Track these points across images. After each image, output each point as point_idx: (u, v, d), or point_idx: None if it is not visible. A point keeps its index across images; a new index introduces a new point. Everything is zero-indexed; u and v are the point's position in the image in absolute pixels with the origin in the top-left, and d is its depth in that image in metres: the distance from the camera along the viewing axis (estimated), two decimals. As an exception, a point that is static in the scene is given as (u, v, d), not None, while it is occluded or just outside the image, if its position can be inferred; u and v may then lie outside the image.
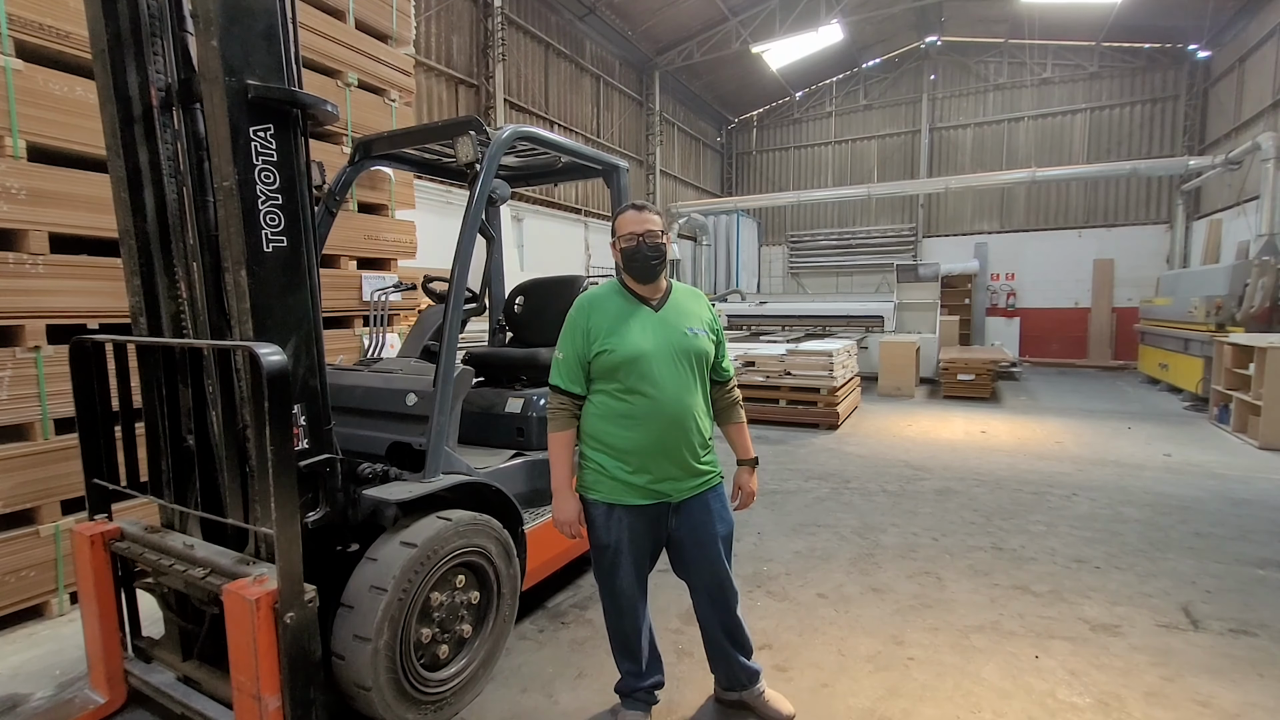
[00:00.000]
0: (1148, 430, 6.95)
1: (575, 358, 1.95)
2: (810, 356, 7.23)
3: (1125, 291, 14.01)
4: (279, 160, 1.88)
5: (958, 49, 15.67)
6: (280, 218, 1.89)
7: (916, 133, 16.22)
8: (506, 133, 2.59)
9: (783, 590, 3.14)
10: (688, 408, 1.94)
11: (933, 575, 3.30)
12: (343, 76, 4.17)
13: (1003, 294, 15.20)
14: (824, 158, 17.46)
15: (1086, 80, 14.48)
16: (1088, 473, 5.25)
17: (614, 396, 1.92)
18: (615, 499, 1.95)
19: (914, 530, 3.95)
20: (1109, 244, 14.34)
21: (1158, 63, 13.79)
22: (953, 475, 5.20)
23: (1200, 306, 8.45)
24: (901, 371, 9.55)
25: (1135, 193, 14.13)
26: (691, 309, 2.04)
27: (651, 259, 1.95)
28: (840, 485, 4.94)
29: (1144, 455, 5.83)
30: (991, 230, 15.50)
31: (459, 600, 2.23)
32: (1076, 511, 4.29)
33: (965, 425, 7.27)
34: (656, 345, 1.92)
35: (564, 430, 1.98)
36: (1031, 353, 14.56)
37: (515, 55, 10.38)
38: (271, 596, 1.70)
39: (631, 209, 1.99)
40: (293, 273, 1.93)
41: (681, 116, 16.07)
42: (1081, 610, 2.92)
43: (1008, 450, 6.07)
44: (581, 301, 2.01)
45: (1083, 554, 3.57)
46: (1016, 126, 15.22)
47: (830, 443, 6.47)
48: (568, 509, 1.97)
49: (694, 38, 13.73)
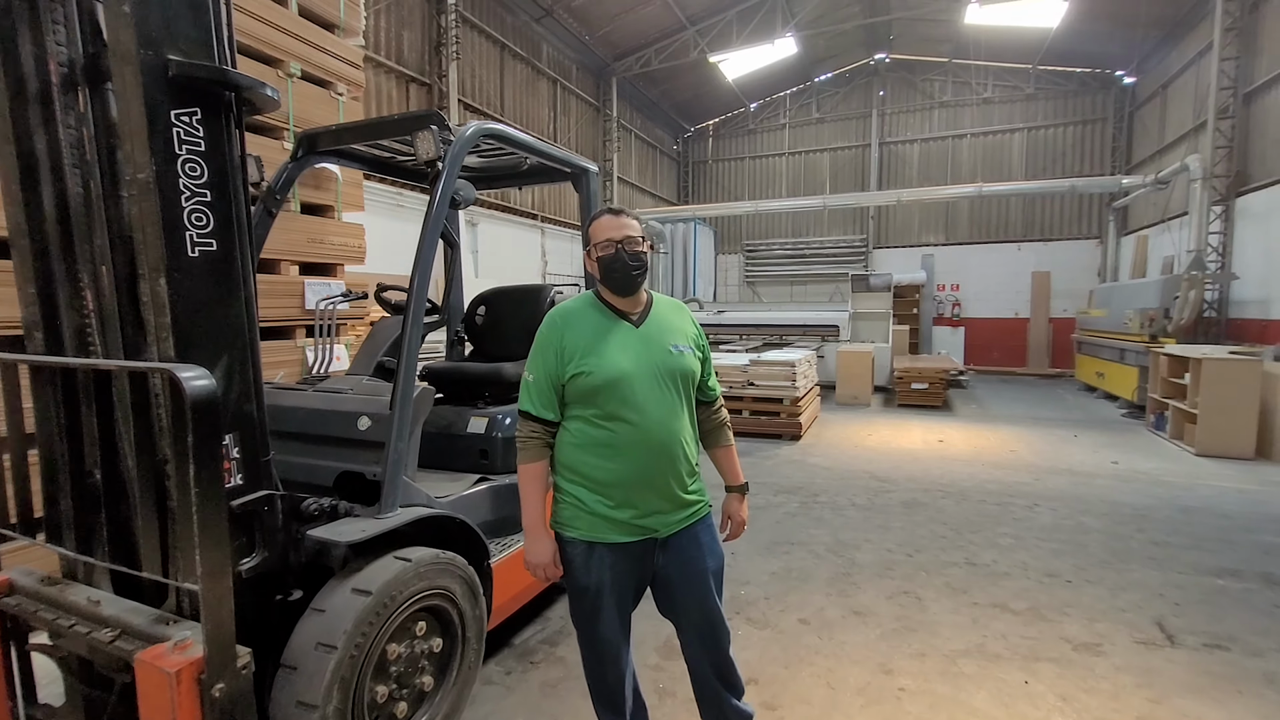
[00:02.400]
0: (1093, 438, 7.20)
1: (547, 380, 1.74)
2: (773, 366, 7.20)
3: (1061, 302, 14.69)
4: (207, 151, 1.61)
5: (905, 66, 16.18)
6: (209, 217, 1.62)
7: (867, 146, 16.64)
8: (471, 129, 2.37)
9: (764, 616, 3.00)
10: (674, 434, 1.76)
11: (912, 595, 3.23)
12: (284, 66, 3.83)
13: (948, 304, 15.72)
14: (778, 168, 17.71)
15: (1024, 101, 15.18)
16: (1045, 482, 5.35)
17: (592, 423, 1.73)
18: (596, 536, 1.75)
19: (887, 546, 3.89)
20: (1045, 257, 15.03)
21: (1088, 86, 14.58)
22: (918, 486, 5.20)
23: (1134, 318, 8.87)
24: (858, 380, 9.67)
25: (1069, 209, 14.87)
26: (675, 323, 1.87)
27: (633, 269, 1.76)
28: (809, 499, 4.86)
29: (1094, 463, 6.01)
30: (937, 242, 16.02)
31: (419, 650, 1.99)
32: (1040, 522, 4.33)
33: (923, 434, 7.37)
34: (639, 365, 1.73)
35: (536, 461, 1.77)
36: (975, 361, 15.08)
37: (469, 54, 10.05)
38: (196, 666, 1.43)
39: (608, 213, 1.80)
40: (224, 281, 1.66)
41: (639, 123, 16.00)
42: (1062, 628, 2.89)
43: (966, 459, 6.15)
44: (554, 317, 1.80)
45: (1053, 567, 3.57)
46: (960, 143, 15.81)
47: (795, 454, 6.42)
48: (542, 550, 1.76)
49: (652, 45, 13.69)
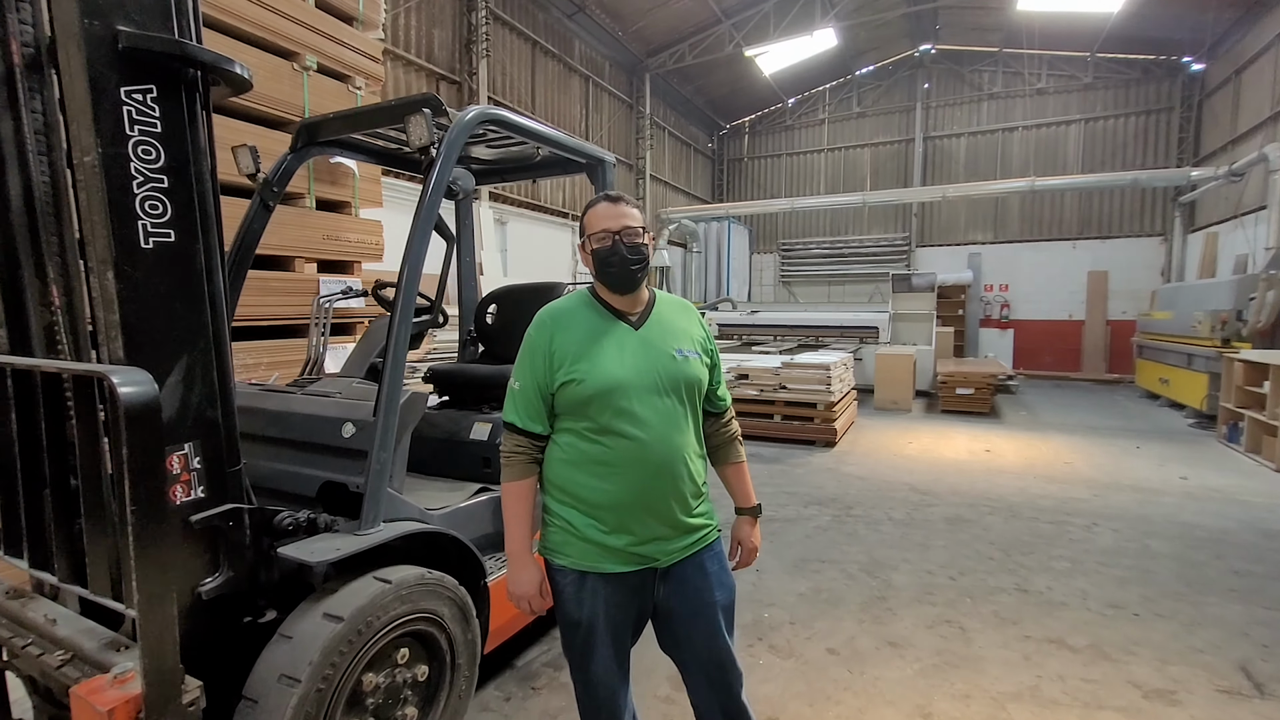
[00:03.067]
0: (1157, 450, 6.65)
1: (535, 388, 1.55)
2: (807, 369, 6.88)
3: (1119, 304, 13.85)
4: (164, 133, 1.47)
5: (952, 57, 15.52)
6: (165, 205, 1.48)
7: (910, 141, 16.03)
8: (470, 114, 2.19)
9: (788, 644, 2.75)
10: (677, 449, 1.55)
11: (955, 625, 2.93)
12: (299, 59, 3.76)
13: (996, 305, 15.00)
14: (816, 165, 17.23)
15: (1081, 91, 14.36)
16: (1104, 498, 4.92)
17: (584, 437, 1.53)
18: (588, 565, 1.55)
19: (928, 568, 3.58)
20: (1103, 256, 14.19)
21: (1152, 74, 13.70)
22: (962, 501, 4.84)
23: (1204, 321, 8.21)
24: (898, 384, 9.24)
25: (1130, 205, 14.00)
26: (680, 325, 1.65)
27: (631, 263, 1.55)
28: (843, 512, 4.56)
29: (1159, 478, 5.52)
30: (985, 240, 15.31)
31: (401, 679, 1.82)
32: (1100, 545, 3.95)
33: (968, 443, 6.94)
34: (637, 372, 1.52)
35: (521, 479, 1.57)
36: (1025, 365, 14.33)
37: (500, 52, 10.00)
38: (133, 704, 1.29)
39: (604, 201, 1.59)
40: (182, 275, 1.52)
41: (672, 121, 15.76)
42: (1129, 670, 2.56)
43: (1016, 472, 5.73)
44: (542, 317, 1.60)
45: (1117, 597, 3.21)
46: (1011, 136, 15.06)
47: (828, 461, 6.10)
48: (526, 579, 1.56)
49: (686, 40, 13.43)
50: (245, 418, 2.15)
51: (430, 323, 2.21)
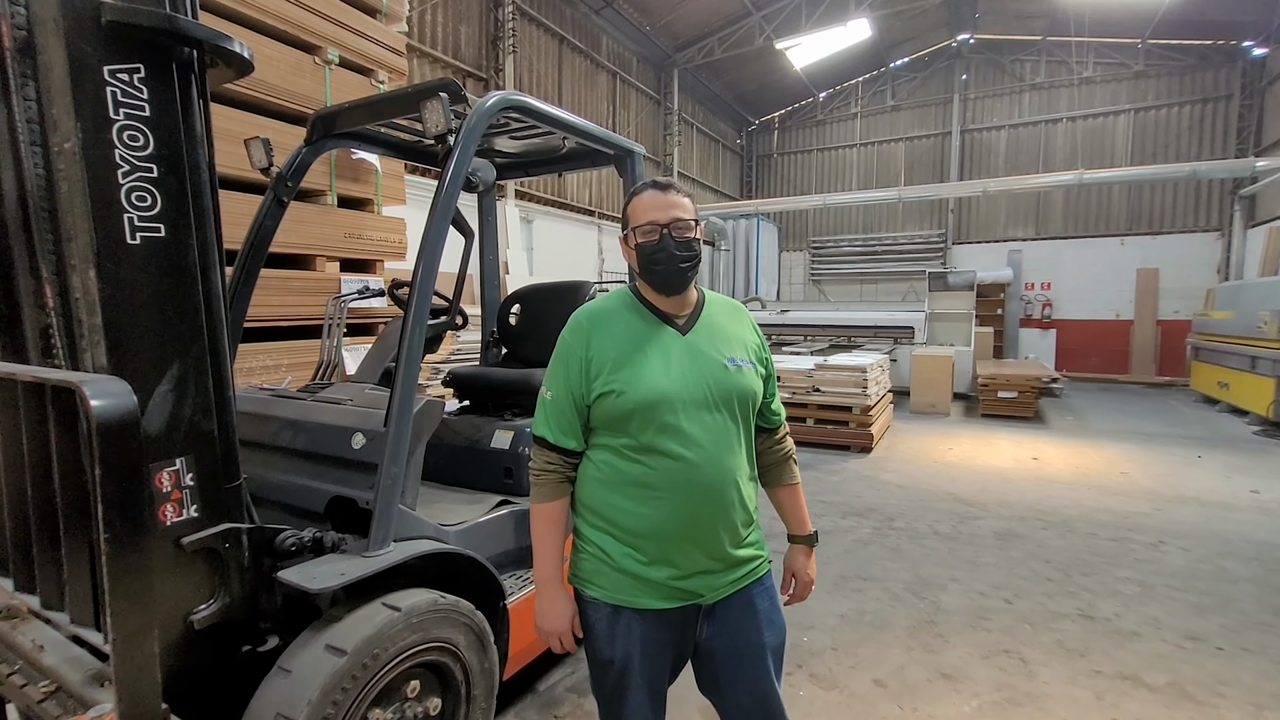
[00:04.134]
0: (1220, 459, 6.22)
1: (569, 399, 1.38)
2: (841, 371, 6.61)
3: (1171, 303, 13.18)
4: (154, 117, 1.34)
5: (992, 47, 14.95)
6: (155, 197, 1.35)
7: (947, 135, 15.50)
8: (493, 100, 2.03)
9: (830, 674, 2.53)
10: (728, 472, 1.36)
11: (1014, 655, 2.68)
12: (321, 53, 3.65)
13: (1038, 304, 14.41)
14: (848, 160, 16.79)
15: (1131, 79, 13.69)
16: (1168, 513, 4.57)
17: (624, 456, 1.35)
18: (623, 599, 1.37)
19: (979, 588, 3.32)
20: (1153, 253, 13.51)
21: (1209, 60, 12.98)
22: (1011, 514, 4.55)
23: (1272, 321, 7.69)
24: (936, 387, 8.87)
25: (1184, 198, 13.30)
26: (732, 330, 1.46)
27: (681, 260, 1.36)
28: (884, 524, 4.31)
29: (1226, 491, 5.13)
30: (1026, 237, 14.72)
31: (411, 714, 1.67)
32: (1170, 566, 3.63)
33: (1013, 450, 6.59)
34: (685, 384, 1.34)
35: (552, 500, 1.40)
36: (1069, 367, 13.73)
37: (527, 48, 9.89)
38: (110, 752, 1.15)
39: (652, 188, 1.40)
40: (174, 274, 1.38)
41: (700, 117, 15.51)
42: (1218, 715, 2.29)
43: (1068, 482, 5.39)
44: (578, 319, 1.43)
45: (1195, 627, 2.92)
46: (1054, 128, 14.45)
47: (865, 468, 5.83)
48: (556, 612, 1.39)
49: (715, 33, 13.17)
50: (252, 425, 2.04)
51: (448, 324, 2.06)
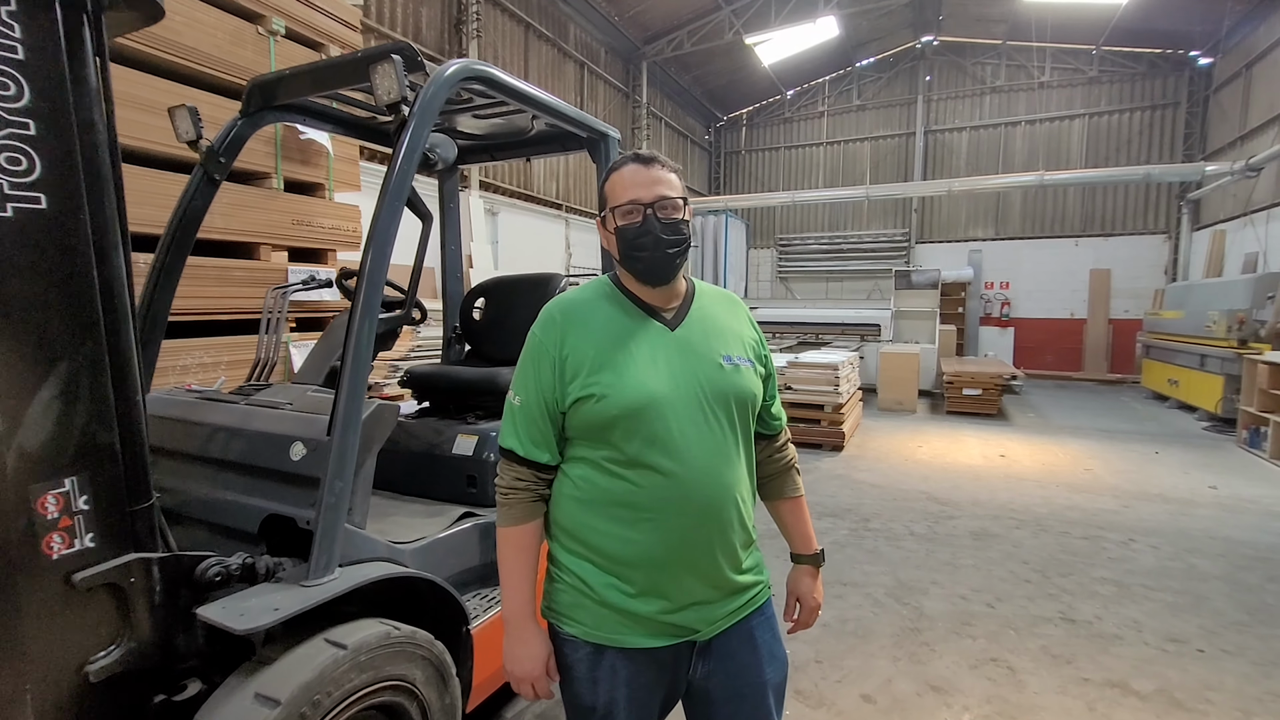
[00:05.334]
0: (1177, 455, 6.38)
1: (541, 405, 1.18)
2: (813, 369, 6.55)
3: (1122, 303, 13.63)
4: (29, 62, 1.09)
5: (954, 49, 15.20)
6: (32, 160, 1.10)
7: (911, 135, 15.71)
8: (453, 68, 1.81)
9: (816, 690, 2.40)
10: (727, 488, 1.19)
11: (1002, 663, 2.59)
12: (265, 22, 3.34)
13: (997, 303, 14.74)
14: (815, 159, 16.88)
15: (1085, 85, 14.09)
16: (1135, 510, 4.62)
17: (605, 471, 1.16)
18: (606, 637, 1.18)
19: (961, 591, 3.25)
20: (1105, 253, 13.95)
21: (1158, 69, 13.45)
22: (985, 512, 4.53)
23: (1220, 321, 7.95)
24: (903, 384, 8.93)
25: (1134, 202, 13.77)
26: (727, 324, 1.28)
27: (669, 245, 1.18)
28: (860, 525, 4.23)
29: (1187, 487, 5.23)
30: (986, 237, 15.03)
31: (360, 765, 1.45)
32: (1143, 564, 3.64)
33: (981, 447, 6.64)
34: (675, 386, 1.16)
35: (523, 523, 1.21)
36: (1026, 364, 14.07)
37: (491, 34, 9.55)
38: None
39: (633, 162, 1.20)
40: (61, 254, 1.14)
41: (669, 111, 15.35)
42: (1209, 724, 2.24)
43: (1036, 479, 5.43)
44: (551, 313, 1.23)
45: (1175, 629, 2.90)
46: (1013, 131, 14.78)
47: (838, 467, 5.77)
48: (528, 654, 1.20)
49: (685, 26, 13.02)
50: (176, 433, 1.78)
51: (402, 319, 1.84)
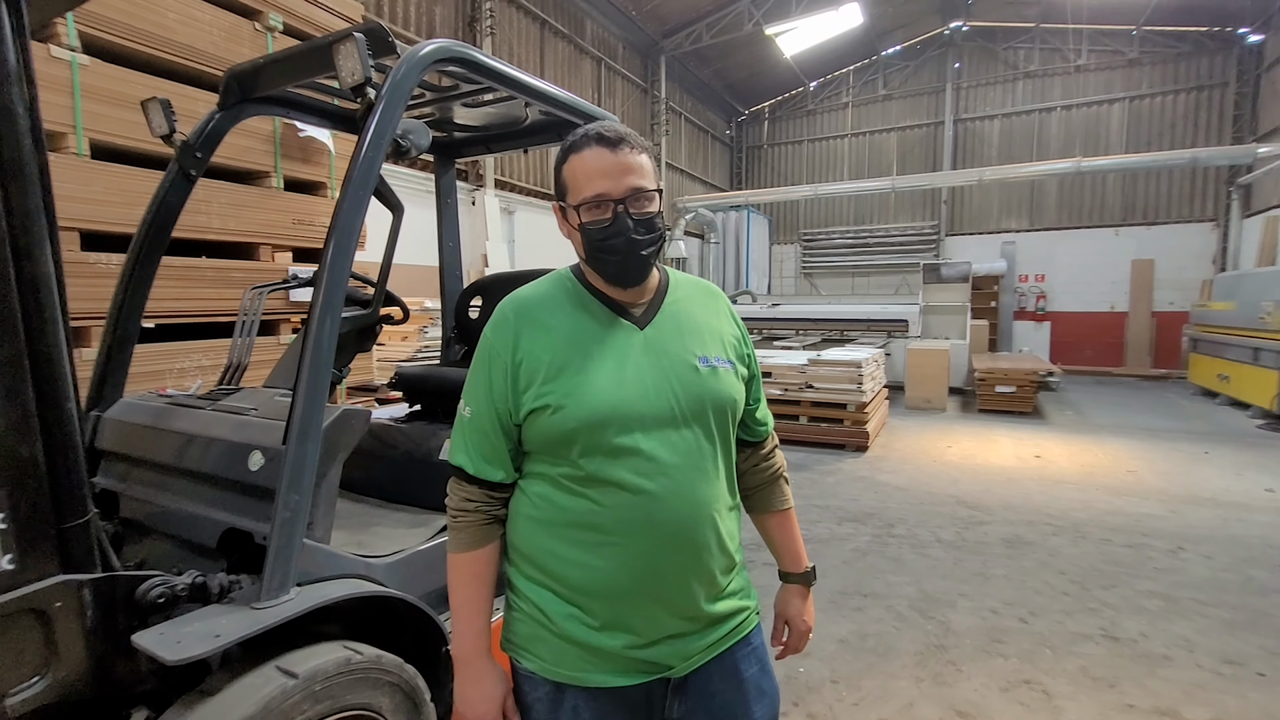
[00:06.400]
0: (1229, 455, 5.98)
1: (493, 417, 1.05)
2: (835, 367, 6.32)
3: (1166, 295, 13.01)
4: (-71, 36, 1.00)
5: (985, 34, 14.68)
6: (-68, 146, 1.00)
7: (939, 124, 15.23)
8: (427, 49, 1.69)
9: (831, 713, 2.23)
10: (703, 506, 1.04)
11: (1036, 686, 2.39)
12: (262, 18, 3.27)
13: (1032, 296, 14.20)
14: (840, 151, 16.50)
15: (1125, 67, 13.47)
16: (1183, 515, 4.31)
17: (565, 489, 1.03)
18: (567, 674, 1.04)
19: (991, 605, 3.04)
20: (1148, 243, 13.33)
21: (1204, 48, 12.78)
22: (1018, 518, 4.27)
23: (1275, 311, 7.48)
24: (932, 381, 8.62)
25: (1179, 188, 13.11)
26: (705, 321, 1.12)
27: (643, 246, 1.02)
28: (883, 531, 4.02)
29: (1241, 490, 4.89)
30: (1020, 228, 14.50)
31: (318, 802, 1.34)
32: (1194, 576, 3.36)
33: (1014, 447, 6.33)
34: (645, 394, 1.02)
35: (474, 549, 1.08)
36: (1063, 360, 13.53)
37: (507, 31, 9.49)
38: None
39: (597, 144, 1.01)
40: (-33, 251, 1.04)
41: (689, 106, 15.14)
42: (1273, 760, 2.01)
43: (1074, 481, 5.13)
44: (504, 312, 1.09)
45: (1231, 648, 2.65)
46: (1048, 117, 14.21)
47: (861, 468, 5.55)
48: (481, 696, 1.06)
49: (703, 19, 12.81)
50: (142, 440, 1.70)
51: (370, 317, 1.73)
